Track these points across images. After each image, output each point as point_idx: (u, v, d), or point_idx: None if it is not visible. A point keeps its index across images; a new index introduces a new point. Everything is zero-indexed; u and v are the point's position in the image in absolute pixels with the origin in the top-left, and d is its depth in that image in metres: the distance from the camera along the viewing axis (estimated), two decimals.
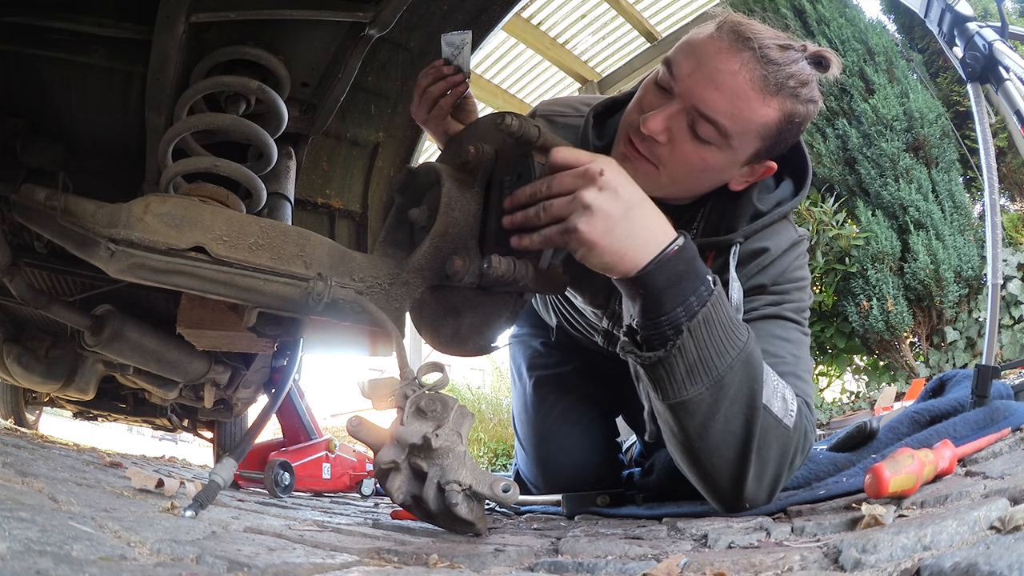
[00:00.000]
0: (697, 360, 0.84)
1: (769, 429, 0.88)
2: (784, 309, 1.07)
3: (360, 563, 0.61)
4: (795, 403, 0.92)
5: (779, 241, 1.10)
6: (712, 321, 0.84)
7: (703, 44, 0.96)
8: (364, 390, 0.92)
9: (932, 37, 3.02)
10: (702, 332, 0.83)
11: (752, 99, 0.94)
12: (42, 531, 0.48)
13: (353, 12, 1.22)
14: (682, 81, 0.96)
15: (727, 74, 0.93)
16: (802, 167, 1.14)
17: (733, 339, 0.85)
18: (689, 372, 0.85)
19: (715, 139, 0.96)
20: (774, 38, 0.96)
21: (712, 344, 0.84)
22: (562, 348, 1.60)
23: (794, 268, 1.11)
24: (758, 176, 1.06)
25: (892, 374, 4.44)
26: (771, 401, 0.88)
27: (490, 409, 6.24)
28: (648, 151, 1.00)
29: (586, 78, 6.16)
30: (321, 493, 2.23)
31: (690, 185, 1.05)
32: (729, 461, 0.88)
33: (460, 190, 1.00)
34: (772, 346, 1.01)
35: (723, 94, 0.94)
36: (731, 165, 1.02)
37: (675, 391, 0.86)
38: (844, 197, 4.56)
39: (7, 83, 1.31)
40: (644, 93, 1.03)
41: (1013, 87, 1.30)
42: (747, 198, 1.08)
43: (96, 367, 2.06)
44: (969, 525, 0.55)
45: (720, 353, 0.84)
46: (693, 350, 0.84)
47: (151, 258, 0.89)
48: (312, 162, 1.69)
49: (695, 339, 0.83)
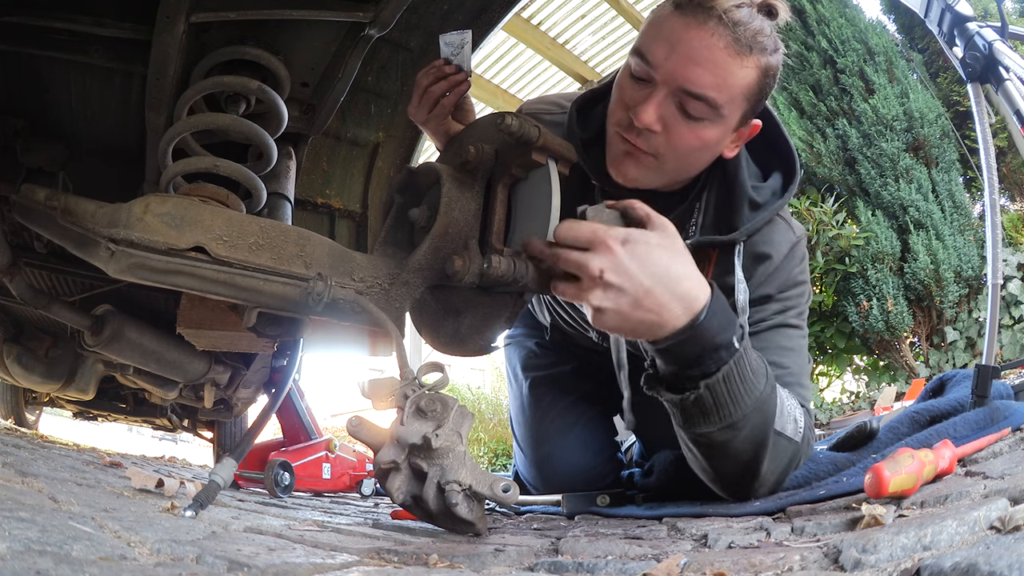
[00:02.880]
0: (713, 407, 0.89)
1: (781, 449, 0.96)
2: (788, 317, 1.11)
3: (360, 563, 0.61)
4: (803, 419, 0.99)
5: (780, 245, 1.12)
6: (732, 378, 0.87)
7: (670, 24, 0.96)
8: (364, 390, 0.92)
9: (932, 37, 3.02)
10: (721, 388, 0.87)
11: (732, 64, 0.94)
12: (42, 531, 0.48)
13: (353, 12, 1.22)
14: (661, 66, 0.96)
15: (703, 47, 0.93)
16: (789, 158, 1.16)
17: (751, 390, 0.90)
18: (704, 415, 0.90)
19: (707, 114, 0.97)
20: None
21: (730, 395, 0.88)
22: (557, 348, 1.59)
23: (796, 273, 1.14)
24: (747, 137, 1.08)
25: (892, 374, 4.44)
26: (785, 426, 0.95)
27: (490, 409, 6.24)
28: (646, 144, 1.00)
29: (586, 78, 6.15)
30: (321, 493, 2.23)
31: (692, 165, 1.06)
32: (737, 476, 0.98)
33: (460, 190, 1.00)
34: (779, 357, 1.05)
35: (705, 68, 0.93)
36: (725, 134, 1.03)
37: (690, 426, 0.93)
38: (844, 197, 4.56)
39: (7, 83, 1.31)
40: (623, 88, 1.02)
41: (1013, 87, 1.30)
42: (741, 186, 1.10)
43: (96, 367, 2.06)
44: (969, 525, 0.55)
45: (736, 402, 0.89)
46: (710, 399, 0.88)
47: (151, 258, 0.89)
48: (312, 162, 1.69)
49: (713, 393, 0.88)
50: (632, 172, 1.04)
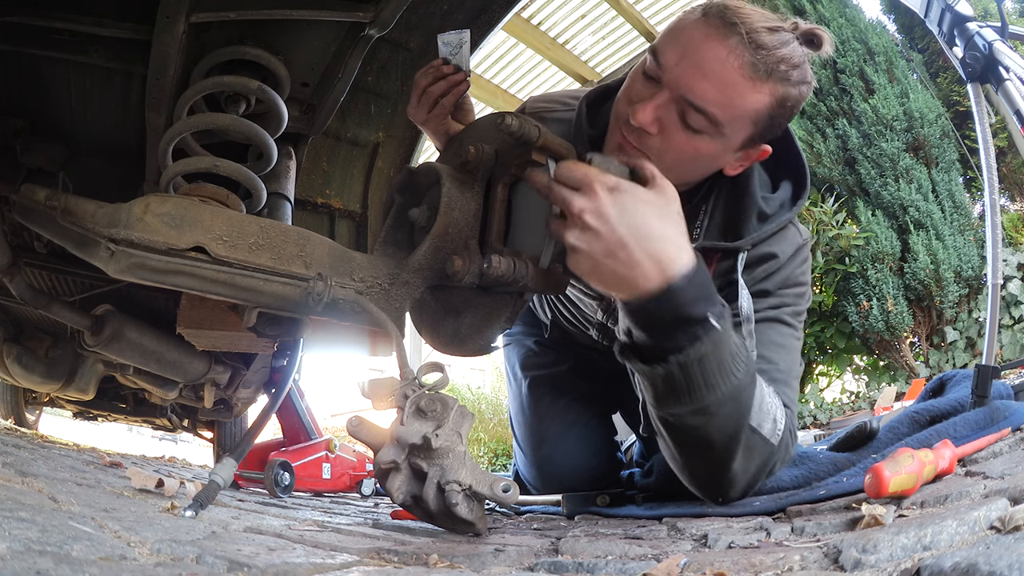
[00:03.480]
0: (685, 388, 0.85)
1: (754, 448, 0.92)
2: (783, 313, 1.09)
3: (360, 563, 0.61)
4: (783, 420, 0.96)
5: (785, 247, 1.11)
6: (707, 359, 0.83)
7: (689, 31, 0.93)
8: (364, 390, 0.92)
9: (932, 37, 3.02)
10: (695, 369, 0.83)
11: (742, 86, 0.91)
12: (42, 531, 0.48)
13: (353, 12, 1.22)
14: (670, 70, 0.93)
15: (715, 62, 0.90)
16: (800, 170, 1.15)
17: (727, 376, 0.85)
18: (674, 394, 0.86)
19: (706, 128, 0.94)
20: (763, 20, 0.92)
21: (703, 378, 0.84)
22: (556, 346, 1.59)
23: (798, 274, 1.12)
24: (752, 160, 1.05)
25: (892, 374, 4.44)
26: (762, 423, 0.91)
27: (490, 409, 6.25)
28: (639, 142, 0.98)
29: (586, 78, 6.16)
30: (321, 493, 2.23)
31: (684, 174, 1.02)
32: (705, 469, 0.96)
33: (460, 190, 1.00)
34: (768, 351, 1.04)
35: (712, 83, 0.91)
36: (724, 152, 1.00)
37: (661, 404, 0.90)
38: (844, 197, 4.56)
39: (7, 83, 1.31)
40: (632, 83, 1.01)
41: (1013, 87, 1.30)
42: (751, 196, 1.08)
43: (96, 367, 2.06)
44: (969, 525, 0.55)
45: (710, 387, 0.84)
46: (681, 378, 0.84)
47: (151, 258, 0.89)
48: (312, 162, 1.69)
49: (685, 373, 0.83)
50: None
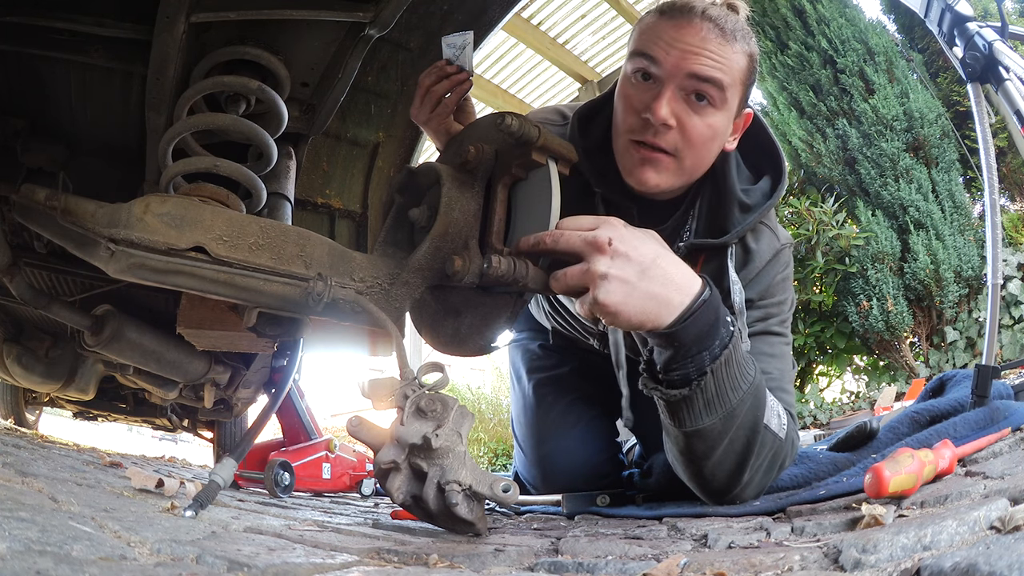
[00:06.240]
0: (715, 396, 0.92)
1: (766, 443, 0.97)
2: (771, 325, 1.14)
3: (360, 563, 0.61)
4: (785, 417, 1.02)
5: (763, 251, 1.15)
6: (731, 361, 0.91)
7: (660, 26, 1.03)
8: (364, 390, 0.92)
9: (932, 37, 3.02)
10: (722, 372, 0.91)
11: (726, 49, 1.01)
12: (42, 531, 0.48)
13: (353, 12, 1.22)
14: (664, 62, 1.01)
15: (698, 39, 1.00)
16: (776, 159, 1.20)
17: (745, 374, 0.93)
18: (707, 405, 0.92)
19: (716, 96, 1.01)
20: (702, 2, 1.04)
21: (729, 381, 0.92)
22: (560, 350, 1.61)
23: (779, 280, 1.17)
24: (742, 128, 1.13)
25: (892, 374, 4.44)
26: (770, 420, 0.97)
27: (490, 409, 6.25)
28: (663, 140, 1.03)
29: (586, 78, 6.16)
30: (321, 493, 2.23)
31: (704, 159, 1.09)
32: (728, 473, 0.98)
33: (460, 190, 1.00)
34: (762, 363, 1.07)
35: (705, 55, 1.00)
36: (728, 123, 1.07)
37: (692, 421, 0.94)
38: (844, 197, 4.56)
39: (7, 83, 1.31)
40: (628, 95, 1.06)
41: (1013, 87, 1.30)
42: (730, 187, 1.13)
43: (96, 367, 2.06)
44: (969, 525, 0.55)
45: (735, 388, 0.92)
46: (713, 387, 0.91)
47: (151, 258, 0.89)
48: (312, 162, 1.69)
49: (716, 379, 0.91)
50: (653, 179, 1.06)
